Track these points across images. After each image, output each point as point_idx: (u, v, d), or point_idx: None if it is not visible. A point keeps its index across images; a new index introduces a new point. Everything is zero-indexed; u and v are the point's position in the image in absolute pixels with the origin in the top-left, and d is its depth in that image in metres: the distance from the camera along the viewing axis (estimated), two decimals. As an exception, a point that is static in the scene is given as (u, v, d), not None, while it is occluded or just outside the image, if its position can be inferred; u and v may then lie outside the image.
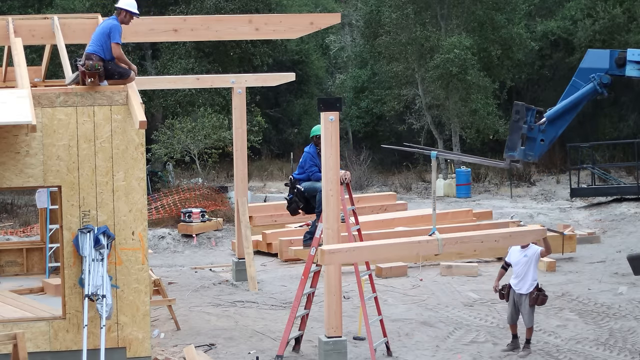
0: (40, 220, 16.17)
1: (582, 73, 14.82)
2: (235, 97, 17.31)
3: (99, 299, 10.24)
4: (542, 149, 14.77)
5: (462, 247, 12.18)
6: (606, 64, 14.75)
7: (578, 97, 14.75)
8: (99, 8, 28.28)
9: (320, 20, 14.07)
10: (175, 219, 23.24)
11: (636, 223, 22.64)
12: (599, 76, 14.60)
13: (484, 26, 34.00)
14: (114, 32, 10.87)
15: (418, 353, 12.22)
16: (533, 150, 14.65)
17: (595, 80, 14.61)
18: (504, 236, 11.92)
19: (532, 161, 14.86)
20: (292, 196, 13.26)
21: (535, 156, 14.74)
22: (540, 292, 12.15)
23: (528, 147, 14.62)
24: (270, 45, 34.26)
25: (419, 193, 31.38)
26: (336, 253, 10.40)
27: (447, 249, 11.07)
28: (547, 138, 14.69)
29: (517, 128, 14.63)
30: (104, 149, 10.66)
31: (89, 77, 10.59)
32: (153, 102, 31.14)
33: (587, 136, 35.32)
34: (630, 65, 14.68)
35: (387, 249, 11.47)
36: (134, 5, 11.24)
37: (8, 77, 15.43)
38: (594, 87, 14.66)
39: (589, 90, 14.71)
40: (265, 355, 11.93)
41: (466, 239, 11.67)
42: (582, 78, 14.77)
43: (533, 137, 14.59)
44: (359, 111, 39.40)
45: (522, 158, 14.64)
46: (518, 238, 11.99)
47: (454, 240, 11.44)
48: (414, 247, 11.54)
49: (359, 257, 11.45)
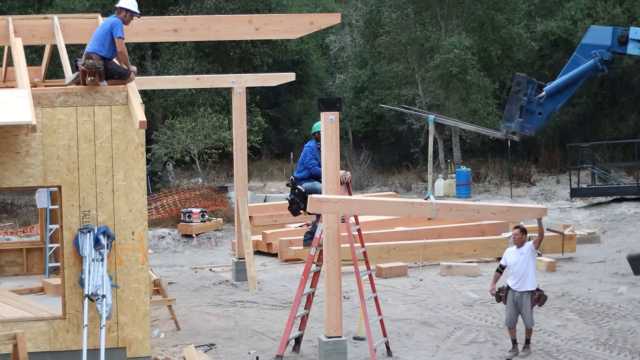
0: (40, 220, 16.17)
1: (584, 49, 14.79)
2: (235, 97, 17.31)
3: (99, 299, 10.24)
4: (540, 123, 14.75)
5: (457, 214, 11.91)
6: (608, 41, 14.72)
7: (578, 72, 14.72)
8: (99, 8, 28.31)
9: (320, 20, 14.06)
10: (175, 219, 23.24)
11: (636, 223, 22.63)
12: (600, 53, 14.57)
13: (484, 26, 34.01)
14: (116, 28, 10.88)
15: (418, 353, 12.22)
16: (530, 123, 14.64)
17: (596, 57, 14.58)
18: (501, 209, 11.69)
19: (529, 134, 14.83)
20: (293, 197, 13.24)
21: (533, 129, 14.72)
22: (541, 292, 12.09)
23: (526, 119, 14.60)
24: (270, 45, 34.28)
25: (419, 193, 31.37)
26: (325, 202, 10.26)
27: (441, 214, 10.92)
28: (545, 112, 14.69)
29: (516, 99, 14.59)
30: (104, 149, 10.67)
31: (89, 76, 10.59)
32: (153, 102, 31.16)
33: (587, 136, 35.34)
34: (632, 43, 14.65)
35: (379, 205, 11.33)
36: (134, 5, 11.24)
37: (8, 77, 15.44)
38: (595, 63, 14.63)
39: (590, 66, 14.69)
40: (265, 355, 11.93)
41: (462, 206, 11.57)
42: (584, 54, 14.75)
43: (532, 110, 14.58)
44: (359, 111, 39.41)
45: (519, 130, 14.61)
46: (516, 213, 11.79)
47: (449, 207, 11.34)
48: (406, 208, 11.40)
49: (348, 210, 11.18)
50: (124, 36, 10.92)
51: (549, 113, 14.77)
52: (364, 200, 11.08)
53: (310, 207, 10.05)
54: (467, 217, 12.67)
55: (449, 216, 12.77)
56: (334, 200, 10.38)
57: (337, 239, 11.37)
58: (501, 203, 12.49)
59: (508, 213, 11.79)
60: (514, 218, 12.07)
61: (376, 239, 18.79)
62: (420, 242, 18.59)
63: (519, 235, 12.15)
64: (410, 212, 11.55)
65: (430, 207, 10.43)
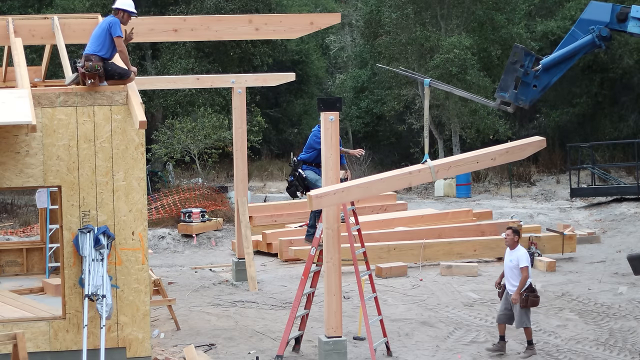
0: (40, 220, 16.16)
1: (582, 24, 14.74)
2: (235, 97, 17.32)
3: (99, 299, 10.24)
4: (534, 95, 14.71)
5: (456, 170, 11.67)
6: (607, 17, 14.67)
7: (575, 47, 14.67)
8: (99, 8, 28.31)
9: (320, 20, 14.07)
10: (175, 219, 23.24)
11: (636, 223, 22.63)
12: (598, 29, 14.52)
13: (484, 26, 34.01)
14: (114, 27, 10.87)
15: (418, 353, 12.22)
16: (525, 95, 14.59)
17: (594, 33, 14.54)
18: (500, 152, 11.49)
19: (523, 106, 14.77)
20: (292, 179, 13.18)
21: (527, 101, 14.67)
22: (530, 294, 11.94)
23: (521, 91, 14.57)
24: (270, 45, 34.28)
25: (419, 193, 31.38)
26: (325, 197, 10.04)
27: (441, 175, 10.73)
28: (539, 84, 14.64)
29: (512, 70, 14.55)
30: (104, 149, 10.66)
31: (89, 79, 10.59)
32: (153, 102, 31.16)
33: (587, 136, 35.35)
34: (633, 21, 14.58)
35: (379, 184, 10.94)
36: (131, 5, 11.24)
37: (8, 77, 15.44)
38: (592, 39, 14.58)
39: (587, 42, 14.64)
40: (265, 355, 11.93)
41: (460, 162, 11.24)
42: (582, 29, 14.69)
43: (527, 82, 14.54)
44: (359, 111, 39.42)
45: (513, 101, 14.57)
46: (515, 153, 11.61)
47: (447, 165, 11.09)
48: (406, 179, 11.10)
49: (349, 197, 10.93)
50: (123, 35, 10.92)
51: (543, 86, 14.73)
52: (362, 184, 10.78)
53: (310, 206, 9.98)
54: (467, 170, 12.27)
55: (450, 174, 12.34)
56: (333, 192, 10.20)
57: (337, 239, 11.37)
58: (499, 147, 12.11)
59: (508, 154, 11.59)
60: (514, 158, 11.83)
61: (376, 239, 18.79)
62: (420, 242, 18.59)
63: (510, 236, 12.14)
64: (411, 182, 11.25)
65: (429, 171, 10.27)
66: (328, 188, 10.75)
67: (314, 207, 10.43)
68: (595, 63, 35.44)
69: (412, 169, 10.83)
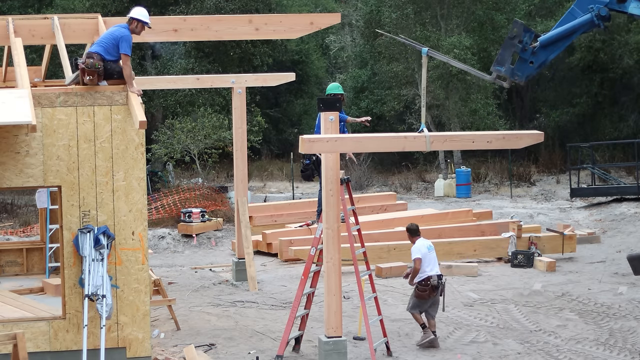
0: (40, 220, 16.16)
1: (582, 2, 14.68)
2: (235, 97, 17.31)
3: (99, 299, 10.24)
4: (530, 71, 14.68)
5: (451, 144, 11.72)
6: None
7: (574, 25, 14.61)
8: (99, 8, 28.34)
9: (320, 20, 14.06)
10: (175, 219, 23.24)
11: (636, 223, 22.63)
12: (597, 8, 14.48)
13: (484, 26, 34.01)
14: (123, 43, 10.79)
15: (418, 353, 12.22)
16: (521, 70, 14.57)
17: (593, 11, 14.49)
18: (496, 137, 11.53)
19: (518, 82, 14.75)
20: (309, 162, 13.11)
21: (522, 77, 14.64)
22: (420, 286, 12.53)
23: (517, 67, 14.54)
24: (270, 45, 34.27)
25: (419, 193, 31.38)
26: (317, 142, 10.11)
27: (435, 146, 10.78)
28: (536, 61, 14.60)
29: (510, 45, 14.52)
30: (104, 149, 10.67)
31: (87, 75, 10.56)
32: (153, 102, 31.16)
33: (587, 136, 35.34)
34: (634, 2, 14.50)
35: (372, 141, 11.16)
36: (146, 16, 11.24)
37: (8, 77, 15.43)
38: (591, 18, 14.51)
39: (586, 21, 14.57)
40: (265, 355, 11.93)
41: (456, 137, 11.33)
42: (581, 7, 14.64)
43: (525, 58, 14.51)
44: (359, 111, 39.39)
45: (509, 76, 14.55)
46: (512, 140, 11.64)
47: (443, 138, 11.16)
48: (400, 142, 11.18)
49: (341, 147, 11.07)
50: (130, 54, 10.85)
51: (540, 63, 14.69)
52: (356, 137, 10.93)
53: (301, 148, 9.96)
54: (462, 147, 12.30)
55: (444, 147, 12.43)
56: (326, 140, 10.24)
57: (337, 239, 11.37)
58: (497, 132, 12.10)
59: (504, 140, 11.61)
60: (510, 145, 11.86)
61: (376, 239, 18.78)
62: (420, 242, 18.56)
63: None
64: (405, 146, 11.35)
65: (424, 140, 10.29)
66: (322, 135, 10.76)
67: (304, 150, 10.49)
68: (595, 63, 35.45)
69: (408, 135, 10.88)
